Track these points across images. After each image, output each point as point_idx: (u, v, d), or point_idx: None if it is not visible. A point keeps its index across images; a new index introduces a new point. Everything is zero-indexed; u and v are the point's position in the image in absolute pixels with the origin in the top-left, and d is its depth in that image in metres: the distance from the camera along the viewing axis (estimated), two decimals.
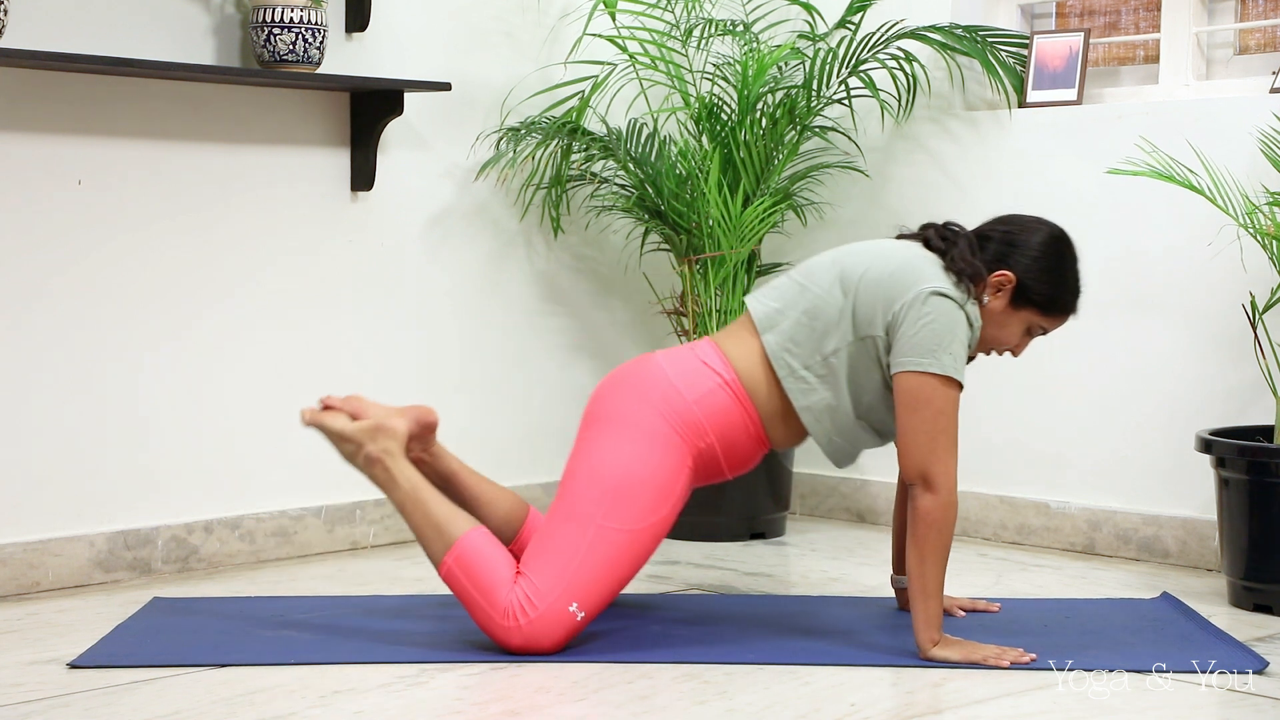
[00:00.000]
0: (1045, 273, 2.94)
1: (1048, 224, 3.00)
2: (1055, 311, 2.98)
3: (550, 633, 2.87)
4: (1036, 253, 2.95)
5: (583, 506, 2.91)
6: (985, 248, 2.97)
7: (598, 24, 4.34)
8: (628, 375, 3.03)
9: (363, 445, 3.01)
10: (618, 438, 2.94)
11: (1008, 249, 2.95)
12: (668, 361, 3.01)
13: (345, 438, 3.02)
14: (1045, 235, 2.97)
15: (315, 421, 3.05)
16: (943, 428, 2.85)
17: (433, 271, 4.22)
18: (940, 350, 2.84)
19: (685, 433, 2.95)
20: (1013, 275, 2.93)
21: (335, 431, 3.03)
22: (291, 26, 3.72)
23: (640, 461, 2.92)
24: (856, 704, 2.64)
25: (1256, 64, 3.93)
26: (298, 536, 3.96)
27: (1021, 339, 3.01)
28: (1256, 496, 3.31)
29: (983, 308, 2.95)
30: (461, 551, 2.91)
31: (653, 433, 2.93)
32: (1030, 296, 2.95)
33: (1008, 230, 2.98)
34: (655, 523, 2.93)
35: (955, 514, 2.86)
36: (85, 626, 3.19)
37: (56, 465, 3.59)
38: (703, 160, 4.17)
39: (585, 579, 2.88)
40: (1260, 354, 3.47)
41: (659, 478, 2.93)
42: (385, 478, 3.01)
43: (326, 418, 3.04)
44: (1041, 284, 2.94)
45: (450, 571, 2.92)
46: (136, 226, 3.70)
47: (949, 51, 4.18)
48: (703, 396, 2.96)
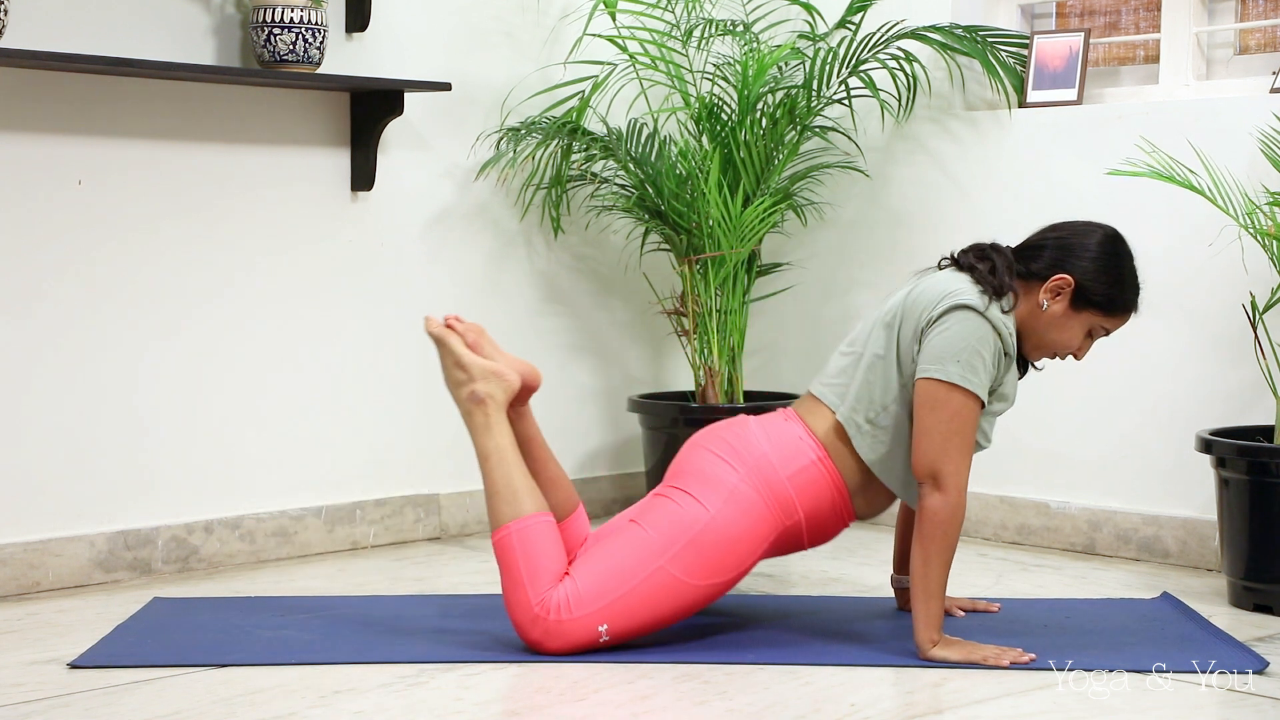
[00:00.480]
0: (1103, 273, 2.95)
1: (1101, 225, 3.01)
2: (1117, 311, 2.99)
3: (569, 639, 2.88)
4: (1094, 253, 2.95)
5: (656, 541, 2.91)
6: (1039, 256, 2.98)
7: (598, 24, 4.34)
8: (723, 437, 3.02)
9: (474, 381, 2.99)
10: (710, 496, 2.93)
11: (1063, 253, 2.96)
12: (762, 430, 3.01)
13: (463, 366, 3.00)
14: (1101, 236, 2.98)
15: (439, 335, 3.02)
16: (956, 429, 2.86)
17: (433, 271, 4.22)
18: (948, 359, 2.86)
19: (775, 508, 2.95)
20: (1071, 278, 2.94)
21: (455, 355, 3.01)
22: (292, 26, 3.72)
23: (726, 524, 2.92)
24: (856, 704, 2.64)
25: (1256, 64, 3.93)
26: (298, 536, 3.96)
27: (1084, 341, 3.02)
28: (1256, 496, 3.31)
29: (1043, 313, 2.96)
30: (528, 526, 2.91)
31: (746, 504, 2.93)
32: (1090, 298, 2.95)
33: (1060, 235, 2.99)
34: (716, 585, 2.94)
35: (962, 515, 2.87)
36: (85, 627, 3.19)
37: (57, 465, 3.59)
38: (703, 160, 4.17)
39: (626, 608, 2.89)
40: (1260, 354, 3.47)
41: (738, 548, 2.93)
42: (483, 423, 2.99)
43: (451, 337, 3.02)
44: (1100, 284, 2.95)
45: (508, 538, 2.91)
46: (137, 226, 3.70)
47: (949, 51, 4.18)
48: (797, 473, 2.96)
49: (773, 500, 2.94)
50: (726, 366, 4.23)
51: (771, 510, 2.94)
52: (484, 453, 2.98)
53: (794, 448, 2.97)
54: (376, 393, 4.13)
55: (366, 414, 4.10)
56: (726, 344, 4.22)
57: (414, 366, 4.18)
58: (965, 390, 2.85)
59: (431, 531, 4.21)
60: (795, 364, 4.61)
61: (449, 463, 4.25)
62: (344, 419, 4.06)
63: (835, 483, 2.98)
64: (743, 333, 4.24)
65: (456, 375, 3.01)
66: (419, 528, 4.19)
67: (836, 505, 3.00)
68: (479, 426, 3.00)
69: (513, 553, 2.90)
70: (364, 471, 4.10)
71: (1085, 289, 2.94)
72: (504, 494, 2.95)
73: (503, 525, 2.93)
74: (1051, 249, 2.97)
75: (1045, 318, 2.97)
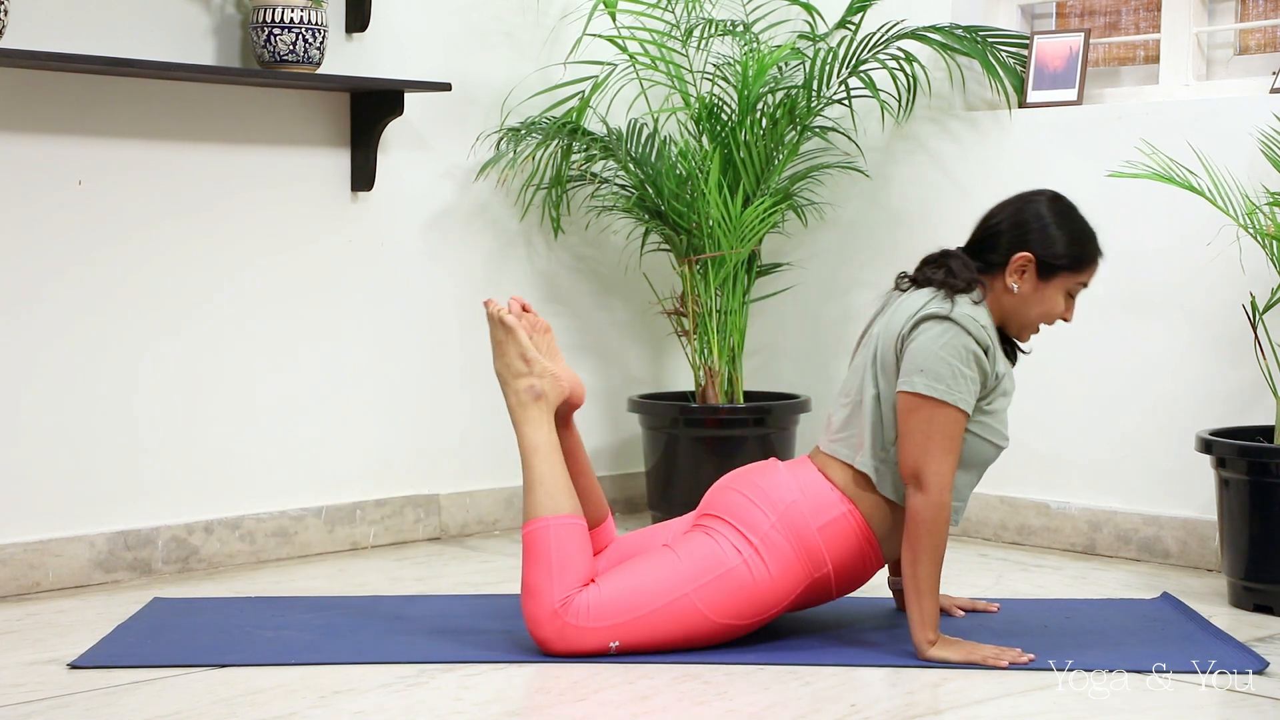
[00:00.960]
0: (1058, 236, 2.96)
1: (1038, 193, 3.03)
2: (1085, 265, 2.99)
3: (577, 644, 2.88)
4: (1043, 222, 2.96)
5: (686, 570, 2.91)
6: (994, 244, 2.98)
7: (598, 24, 4.34)
8: (755, 482, 3.01)
9: (533, 375, 3.00)
10: (743, 540, 2.93)
11: (1015, 233, 2.97)
12: (793, 477, 3.00)
13: (527, 359, 3.00)
14: (1044, 202, 3.00)
15: (507, 322, 3.02)
16: (937, 430, 2.86)
17: (433, 272, 4.22)
18: (915, 371, 2.88)
19: (804, 559, 2.94)
20: (1030, 254, 2.95)
21: (522, 347, 3.01)
22: (291, 27, 3.72)
23: (755, 569, 2.91)
24: (856, 704, 2.64)
25: (1256, 64, 3.93)
26: (298, 536, 3.96)
27: (1066, 304, 3.02)
28: (1257, 497, 3.31)
29: (1016, 295, 2.97)
30: (566, 524, 2.91)
31: (777, 552, 2.92)
32: (1055, 264, 2.96)
33: (1004, 217, 3.00)
34: (736, 626, 2.94)
35: (947, 515, 2.87)
36: (85, 627, 3.19)
37: (57, 466, 3.59)
38: (703, 160, 4.17)
39: (642, 628, 2.89)
40: (1260, 354, 3.47)
41: (764, 595, 2.92)
42: (536, 417, 2.99)
43: (519, 327, 3.02)
44: (1060, 247, 2.96)
45: (545, 530, 2.90)
46: (136, 227, 3.70)
47: (949, 52, 4.18)
48: (827, 524, 2.95)
49: (802, 551, 2.94)
50: (726, 367, 4.23)
51: (801, 561, 2.94)
52: (532, 445, 2.98)
53: (825, 499, 2.97)
54: (376, 393, 4.13)
55: (366, 414, 4.10)
56: (726, 344, 4.22)
57: (414, 366, 4.18)
58: (936, 400, 2.86)
59: (431, 532, 4.21)
60: (795, 364, 4.61)
61: (449, 463, 4.25)
62: (344, 419, 4.06)
63: (864, 534, 2.97)
64: (743, 333, 4.24)
65: (518, 366, 3.01)
66: (419, 528, 4.19)
67: (865, 555, 2.99)
68: (531, 420, 2.99)
69: (546, 545, 2.90)
70: (364, 472, 4.10)
71: (1047, 259, 2.95)
72: (547, 487, 2.95)
73: (540, 517, 2.92)
74: (1003, 234, 2.98)
75: (1019, 298, 2.98)
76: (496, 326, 3.03)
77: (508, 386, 3.02)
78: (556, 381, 3.02)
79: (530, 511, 2.95)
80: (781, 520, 2.94)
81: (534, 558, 2.91)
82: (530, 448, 2.98)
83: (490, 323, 3.04)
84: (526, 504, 2.96)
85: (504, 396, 3.04)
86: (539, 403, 3.00)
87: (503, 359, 3.03)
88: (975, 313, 2.91)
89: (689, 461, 4.19)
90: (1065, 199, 3.03)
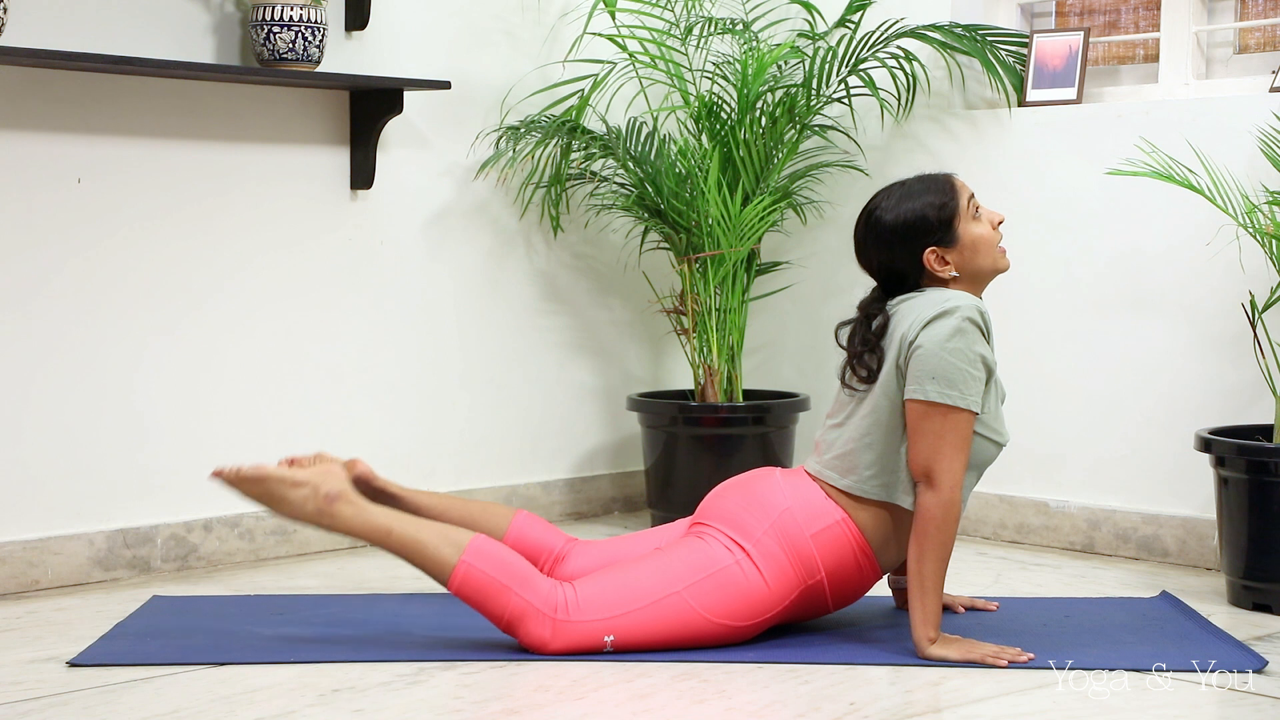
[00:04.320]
0: (917, 211, 2.97)
1: (863, 214, 3.04)
2: (954, 199, 2.99)
3: (572, 641, 2.88)
4: (898, 220, 2.97)
5: (678, 569, 2.92)
6: (903, 275, 3.00)
7: (597, 23, 4.34)
8: (750, 488, 3.01)
9: (311, 484, 2.90)
10: (736, 544, 2.93)
11: (895, 247, 2.99)
12: (789, 484, 3.00)
13: (292, 481, 2.89)
14: (876, 212, 3.01)
15: (244, 474, 2.90)
16: (950, 430, 2.87)
17: (432, 270, 4.22)
18: (924, 378, 2.88)
19: (798, 565, 2.94)
20: (930, 248, 2.97)
21: (276, 477, 2.89)
22: (291, 25, 3.72)
23: (748, 572, 2.91)
24: (856, 702, 2.65)
25: (1256, 63, 3.93)
26: (297, 535, 3.95)
27: (993, 234, 3.02)
28: (1256, 496, 3.31)
29: (957, 272, 2.98)
30: (477, 550, 2.88)
31: (770, 557, 2.93)
32: (947, 225, 2.98)
33: (886, 244, 3.00)
34: (730, 628, 2.93)
35: (957, 513, 2.87)
36: (84, 625, 3.19)
37: (56, 463, 3.59)
38: (702, 159, 4.17)
39: (635, 624, 2.89)
40: (1260, 354, 3.47)
41: (757, 598, 2.92)
42: (354, 511, 2.89)
43: (255, 467, 2.91)
44: (931, 214, 2.97)
45: (469, 571, 2.85)
46: (136, 225, 3.70)
47: (949, 50, 4.18)
48: (820, 531, 2.95)
49: (795, 557, 2.94)
50: (726, 365, 4.23)
51: (794, 567, 2.94)
52: (382, 531, 2.88)
53: (819, 506, 2.97)
54: (375, 391, 4.13)
55: (365, 412, 4.10)
56: (726, 343, 4.22)
57: (413, 365, 4.18)
58: (949, 406, 2.86)
59: None
60: (795, 363, 4.61)
61: (449, 462, 4.25)
62: (343, 417, 4.06)
63: (859, 543, 2.97)
64: (742, 331, 4.24)
65: (294, 494, 2.89)
66: None
67: (860, 565, 2.99)
68: (353, 517, 2.89)
69: (481, 576, 2.86)
70: None
71: (937, 230, 2.97)
72: (430, 542, 2.88)
73: (453, 567, 2.86)
74: (898, 258, 2.99)
75: (963, 268, 2.99)
76: (242, 485, 2.91)
77: (308, 514, 2.90)
78: (330, 472, 2.93)
79: (440, 572, 2.87)
80: (774, 526, 2.94)
81: (485, 595, 2.87)
82: (381, 531, 2.89)
83: (238, 488, 2.92)
84: (430, 570, 2.88)
85: (318, 527, 2.91)
86: (341, 498, 2.89)
87: (278, 504, 2.91)
88: (970, 299, 2.94)
89: (688, 460, 4.19)
90: (873, 198, 3.04)
